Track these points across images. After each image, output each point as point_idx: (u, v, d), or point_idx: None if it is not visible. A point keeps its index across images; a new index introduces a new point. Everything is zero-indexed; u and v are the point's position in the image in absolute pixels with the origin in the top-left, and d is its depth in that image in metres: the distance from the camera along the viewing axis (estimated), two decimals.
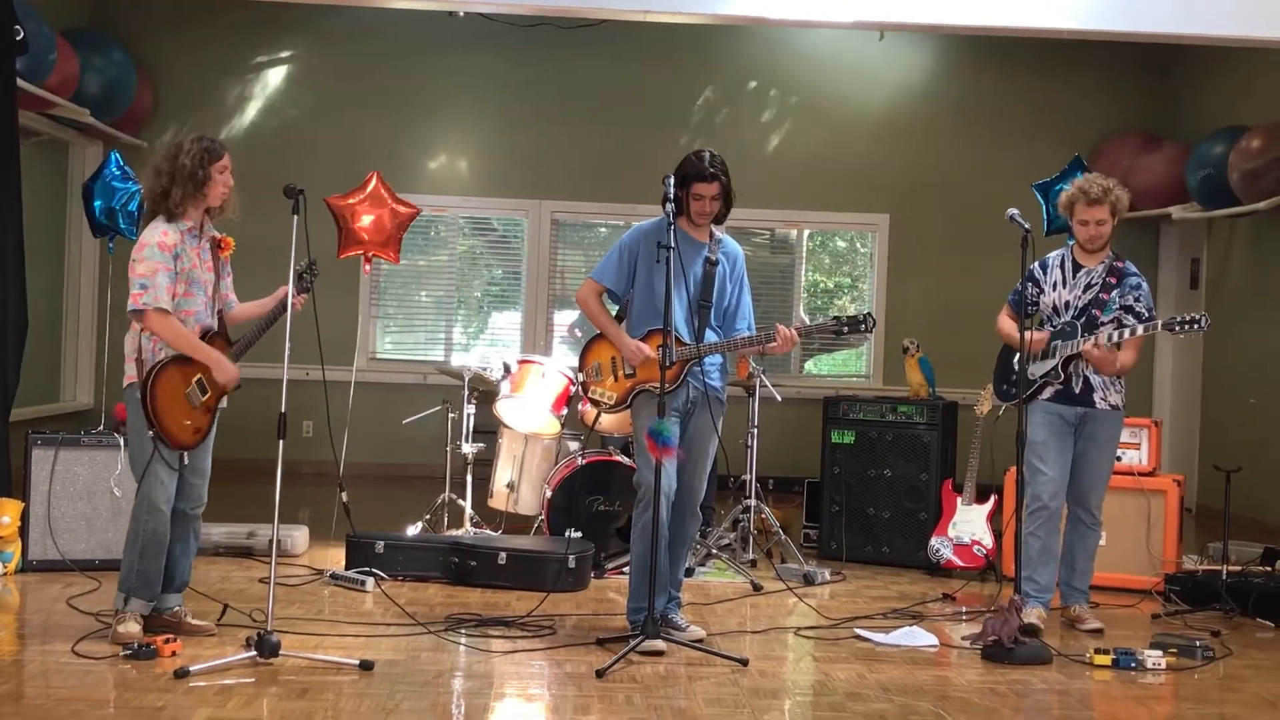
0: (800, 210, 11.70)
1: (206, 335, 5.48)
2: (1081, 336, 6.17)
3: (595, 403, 5.98)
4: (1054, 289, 6.34)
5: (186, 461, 5.47)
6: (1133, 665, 5.62)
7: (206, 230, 5.54)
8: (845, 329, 5.76)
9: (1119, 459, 6.54)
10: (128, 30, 10.79)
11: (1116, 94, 11.59)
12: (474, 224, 11.90)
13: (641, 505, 5.63)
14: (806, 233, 11.91)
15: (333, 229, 8.13)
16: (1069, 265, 6.35)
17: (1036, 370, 6.27)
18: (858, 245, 12.02)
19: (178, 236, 5.37)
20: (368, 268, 8.43)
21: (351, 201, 8.13)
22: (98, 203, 7.73)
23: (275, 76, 11.50)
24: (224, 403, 5.59)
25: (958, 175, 11.57)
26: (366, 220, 8.06)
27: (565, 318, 11.80)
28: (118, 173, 7.84)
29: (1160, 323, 6.08)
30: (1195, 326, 5.94)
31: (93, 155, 10.71)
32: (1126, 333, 6.09)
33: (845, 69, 11.65)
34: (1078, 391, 6.24)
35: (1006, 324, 6.44)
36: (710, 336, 5.77)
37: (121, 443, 6.81)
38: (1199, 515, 10.14)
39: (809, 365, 12.02)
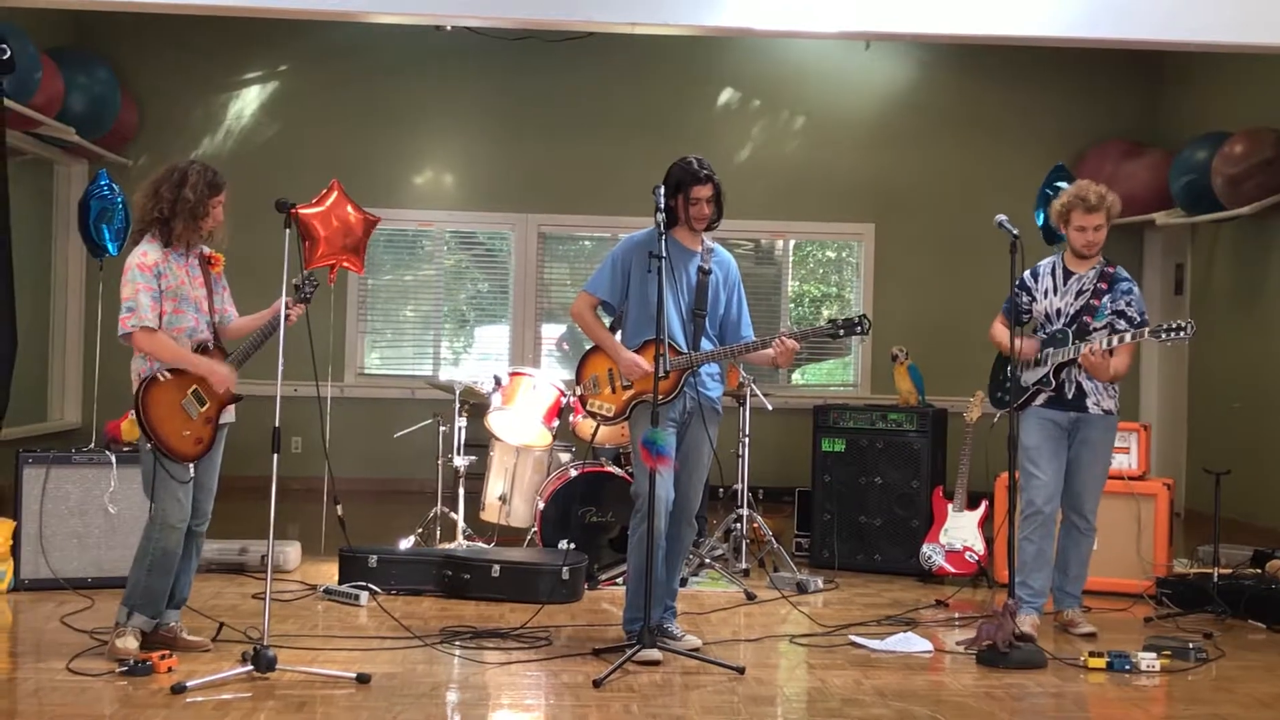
0: (785, 220, 11.73)
1: (202, 350, 5.47)
2: (1074, 344, 6.20)
3: (593, 415, 5.98)
4: (1045, 296, 6.37)
5: (193, 474, 5.45)
6: (1127, 668, 5.64)
7: (194, 248, 5.54)
8: (841, 332, 5.79)
9: (1110, 463, 6.56)
10: (112, 48, 10.79)
11: (1100, 101, 11.65)
12: (460, 238, 11.91)
13: (639, 516, 5.63)
14: (792, 243, 11.95)
15: None
16: (1060, 272, 6.38)
17: (1029, 378, 6.31)
18: (844, 255, 12.05)
19: (159, 255, 5.38)
20: (333, 277, 8.37)
21: (316, 210, 8.07)
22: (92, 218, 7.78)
23: (260, 93, 11.51)
24: (231, 416, 5.59)
25: (942, 183, 11.62)
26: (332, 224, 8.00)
27: (553, 331, 11.82)
28: (104, 188, 7.87)
29: (1147, 330, 6.11)
30: (1180, 334, 5.98)
31: (78, 174, 10.71)
32: (1117, 339, 6.12)
33: (830, 79, 11.70)
34: (1070, 397, 6.26)
35: (999, 331, 6.45)
36: (706, 346, 5.79)
37: (113, 460, 6.82)
38: (1187, 519, 10.19)
39: (796, 375, 12.05)
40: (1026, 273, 6.44)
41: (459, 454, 7.91)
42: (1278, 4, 6.85)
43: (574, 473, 7.47)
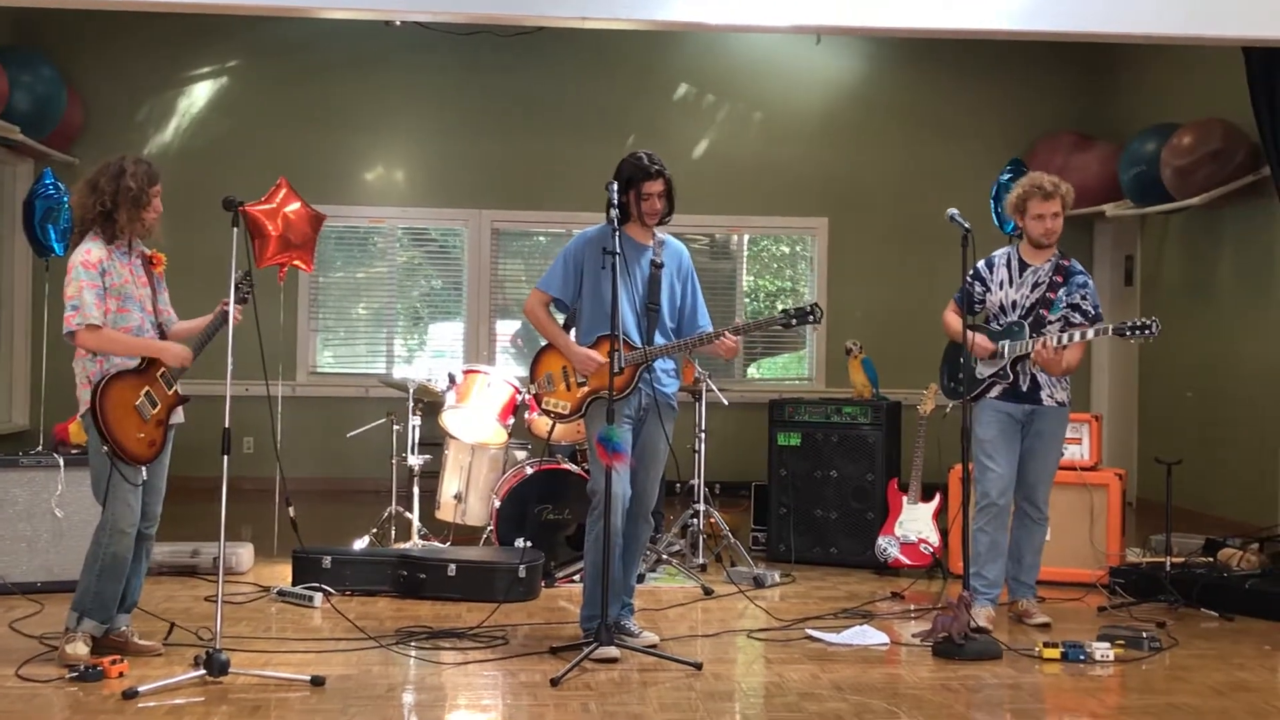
0: (739, 215, 11.74)
1: None
2: (1030, 337, 6.21)
3: (549, 413, 5.95)
4: (1000, 288, 6.38)
5: (145, 477, 5.39)
6: (1081, 658, 5.68)
7: (136, 246, 5.48)
8: (794, 321, 5.80)
9: (1062, 454, 6.60)
10: (56, 46, 10.63)
11: (1048, 93, 11.72)
12: (412, 235, 11.84)
13: (595, 513, 5.62)
14: (746, 237, 11.95)
15: None
16: (1015, 264, 6.40)
17: (984, 370, 6.32)
18: (798, 249, 12.08)
19: (103, 253, 5.31)
20: (283, 275, 8.28)
21: (265, 208, 7.97)
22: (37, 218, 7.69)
23: (207, 90, 11.39)
24: (180, 418, 5.52)
25: (894, 177, 11.66)
26: (282, 220, 7.91)
27: (508, 327, 11.78)
28: (49, 187, 7.78)
29: (1111, 328, 6.13)
30: (1145, 333, 5.98)
31: (23, 173, 10.55)
32: (1076, 335, 6.14)
33: (781, 73, 11.71)
34: (1025, 389, 6.28)
35: (953, 320, 6.43)
36: (660, 340, 5.77)
37: (61, 463, 6.73)
38: (1139, 509, 10.28)
39: (751, 369, 12.06)
40: (981, 263, 6.45)
41: (413, 453, 7.85)
42: None
43: (530, 470, 7.44)
